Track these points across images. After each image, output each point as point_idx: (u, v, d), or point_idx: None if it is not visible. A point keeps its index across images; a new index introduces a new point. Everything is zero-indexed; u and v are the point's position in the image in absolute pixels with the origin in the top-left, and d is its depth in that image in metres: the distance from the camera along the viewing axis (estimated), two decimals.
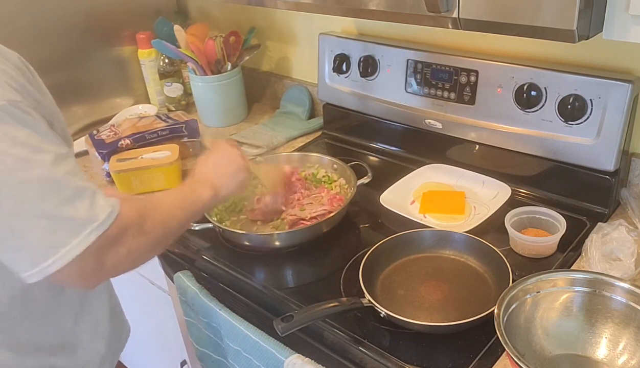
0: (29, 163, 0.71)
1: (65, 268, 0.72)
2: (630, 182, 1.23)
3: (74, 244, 0.71)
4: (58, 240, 0.71)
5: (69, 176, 0.73)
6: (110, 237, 0.75)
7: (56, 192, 0.71)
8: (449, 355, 0.92)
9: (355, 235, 1.25)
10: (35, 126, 0.74)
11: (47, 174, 0.71)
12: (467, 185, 1.32)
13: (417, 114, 1.41)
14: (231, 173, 1.07)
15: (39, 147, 0.72)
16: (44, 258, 0.71)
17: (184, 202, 0.94)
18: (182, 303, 1.24)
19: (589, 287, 0.90)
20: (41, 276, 0.72)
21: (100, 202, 0.75)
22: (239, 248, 1.22)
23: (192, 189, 0.99)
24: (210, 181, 1.02)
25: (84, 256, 0.72)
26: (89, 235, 0.72)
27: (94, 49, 1.78)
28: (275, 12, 1.78)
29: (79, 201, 0.73)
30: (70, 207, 0.72)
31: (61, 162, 0.73)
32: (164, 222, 0.86)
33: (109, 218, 0.74)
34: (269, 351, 1.00)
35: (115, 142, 1.51)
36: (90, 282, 0.78)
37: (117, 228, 0.75)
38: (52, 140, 0.75)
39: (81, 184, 0.74)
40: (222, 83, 1.74)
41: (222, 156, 1.09)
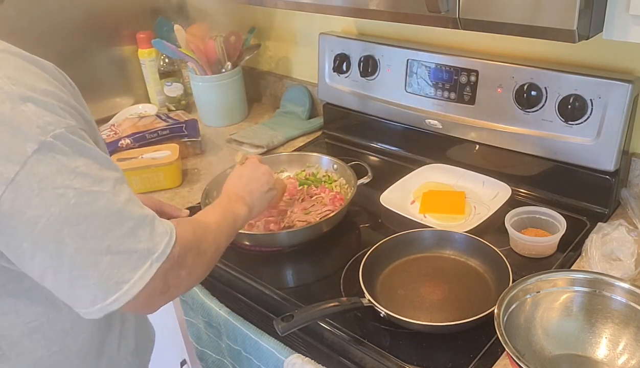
0: (91, 195, 0.66)
1: (130, 302, 0.69)
2: (630, 182, 1.23)
3: (136, 278, 0.69)
4: (121, 276, 0.68)
5: (129, 204, 0.70)
6: (173, 260, 0.73)
7: (119, 224, 0.68)
8: (449, 355, 0.92)
9: (355, 235, 1.25)
10: (92, 152, 0.69)
11: (109, 206, 0.68)
12: (467, 185, 1.32)
13: (417, 114, 1.41)
14: (264, 192, 1.08)
15: (99, 176, 0.68)
16: (106, 296, 0.68)
17: (226, 220, 0.93)
18: (182, 303, 1.24)
19: (589, 287, 0.90)
20: (102, 313, 0.69)
21: (159, 228, 0.72)
22: (239, 248, 1.22)
23: (230, 208, 0.98)
24: (244, 200, 1.02)
25: (149, 284, 0.70)
26: (150, 268, 0.70)
27: (94, 49, 1.78)
28: (276, 12, 1.78)
29: (141, 230, 0.70)
30: (133, 239, 0.69)
31: (120, 188, 0.70)
32: (215, 241, 0.86)
33: (167, 247, 0.72)
34: (269, 351, 1.00)
35: (116, 141, 1.51)
36: (154, 307, 0.76)
37: (178, 251, 0.73)
38: (109, 164, 0.71)
39: (141, 212, 0.71)
40: (222, 83, 1.74)
41: (253, 174, 1.09)
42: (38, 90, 0.67)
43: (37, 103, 0.66)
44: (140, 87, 1.94)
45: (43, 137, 0.64)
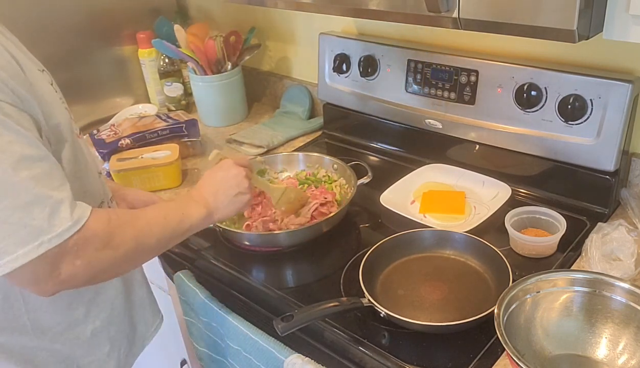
0: None
1: (11, 274, 0.70)
2: (630, 182, 1.23)
3: (20, 253, 0.69)
4: (5, 247, 0.69)
5: (30, 181, 0.70)
6: (68, 247, 0.72)
7: (11, 196, 0.69)
8: (449, 355, 0.92)
9: (355, 235, 1.25)
10: (5, 123, 0.70)
11: (3, 177, 0.69)
12: (467, 185, 1.32)
13: (417, 114, 1.41)
14: (231, 196, 1.03)
15: (2, 146, 0.69)
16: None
17: (168, 220, 0.90)
18: (182, 303, 1.24)
19: (589, 287, 0.90)
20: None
21: (63, 213, 0.72)
22: (239, 248, 1.22)
23: (184, 207, 0.96)
24: (207, 201, 1.00)
25: (35, 263, 0.70)
26: (39, 247, 0.70)
27: (94, 49, 1.78)
28: (276, 12, 1.78)
29: (37, 209, 0.70)
30: (26, 214, 0.69)
31: (27, 165, 0.70)
32: (137, 237, 0.83)
33: (67, 232, 0.72)
34: (269, 351, 1.00)
35: (116, 141, 1.51)
36: (44, 290, 0.75)
37: (77, 239, 0.73)
38: (26, 140, 0.72)
39: (44, 191, 0.71)
40: (222, 83, 1.74)
41: (226, 177, 1.05)
42: None
43: None
44: (140, 87, 1.94)
45: None
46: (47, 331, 0.92)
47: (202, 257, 1.22)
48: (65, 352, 0.96)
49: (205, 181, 1.05)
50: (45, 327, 0.92)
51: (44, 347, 0.93)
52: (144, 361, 1.25)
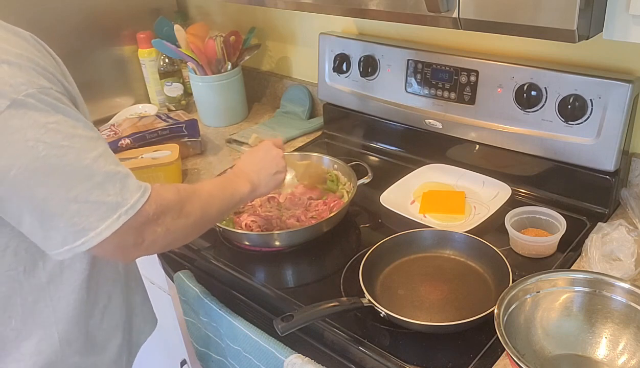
0: (61, 149, 0.72)
1: (98, 246, 0.76)
2: (630, 182, 1.23)
3: (102, 227, 0.75)
4: (89, 224, 0.74)
5: (99, 160, 0.75)
6: (149, 216, 0.79)
7: (87, 177, 0.74)
8: (449, 355, 0.92)
9: (355, 235, 1.25)
10: (67, 111, 0.75)
11: (77, 160, 0.74)
12: (467, 185, 1.32)
13: (417, 114, 1.41)
14: (271, 174, 1.10)
15: (70, 132, 0.74)
16: (75, 239, 0.75)
17: (223, 192, 0.98)
18: (182, 303, 1.24)
19: (589, 287, 0.90)
20: (70, 254, 0.76)
21: (131, 185, 0.78)
22: (239, 248, 1.22)
23: (232, 181, 1.04)
24: (250, 177, 1.06)
25: (122, 233, 0.76)
26: (118, 220, 0.75)
27: (94, 49, 1.78)
28: (276, 12, 1.78)
29: (110, 185, 0.75)
30: (101, 192, 0.75)
31: (92, 147, 0.76)
32: (203, 208, 0.90)
33: (138, 202, 0.77)
34: (269, 351, 1.00)
35: (116, 141, 1.51)
36: (128, 256, 0.83)
37: (155, 208, 0.79)
38: (84, 124, 0.77)
39: (112, 168, 0.77)
40: (222, 83, 1.74)
41: (265, 155, 1.12)
42: (12, 53, 0.73)
43: (11, 65, 0.72)
44: (140, 87, 1.94)
45: (15, 94, 0.70)
46: (72, 343, 0.94)
47: (202, 257, 1.22)
48: (79, 363, 0.96)
49: (248, 160, 1.12)
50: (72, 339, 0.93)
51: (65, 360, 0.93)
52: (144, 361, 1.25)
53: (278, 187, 1.16)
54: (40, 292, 0.89)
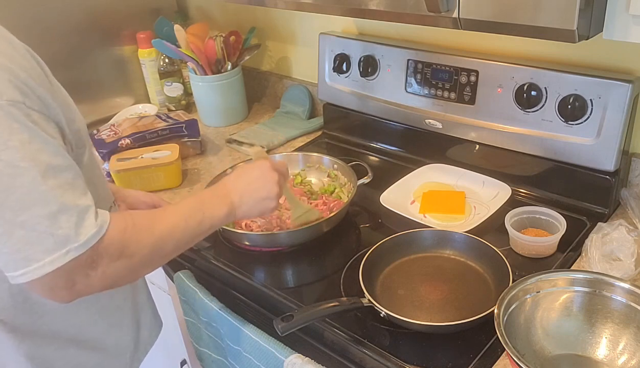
0: (16, 169, 0.68)
1: (33, 282, 0.71)
2: (630, 182, 1.23)
3: (47, 261, 0.70)
4: (32, 254, 0.70)
5: (57, 190, 0.71)
6: (83, 260, 0.73)
7: (39, 204, 0.69)
8: (449, 355, 0.92)
9: (355, 235, 1.25)
10: (34, 132, 0.71)
11: (32, 184, 0.69)
12: (467, 185, 1.32)
13: (417, 114, 1.41)
14: (258, 199, 0.99)
15: (31, 155, 0.69)
16: (15, 268, 0.71)
17: (188, 223, 0.87)
18: (182, 303, 1.24)
19: (589, 287, 0.90)
20: (14, 282, 0.71)
21: (88, 221, 0.73)
22: (239, 248, 1.22)
23: (206, 204, 0.92)
24: (231, 199, 0.95)
25: (54, 274, 0.71)
26: (65, 255, 0.71)
27: (94, 49, 1.78)
28: (276, 12, 1.78)
29: (63, 217, 0.70)
30: (52, 223, 0.70)
31: (54, 174, 0.71)
32: (154, 245, 0.81)
33: (91, 240, 0.72)
34: (269, 351, 1.00)
35: (116, 141, 1.51)
36: (60, 298, 0.76)
37: (91, 251, 0.73)
38: (53, 149, 0.72)
39: (71, 200, 0.72)
40: (222, 83, 1.74)
41: (259, 177, 1.00)
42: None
43: None
44: (140, 87, 1.94)
45: None
46: (62, 334, 0.93)
47: (202, 257, 1.22)
48: (78, 357, 0.96)
49: (237, 176, 1.00)
50: (61, 330, 0.92)
51: (60, 353, 0.94)
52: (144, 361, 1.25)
53: (263, 214, 1.05)
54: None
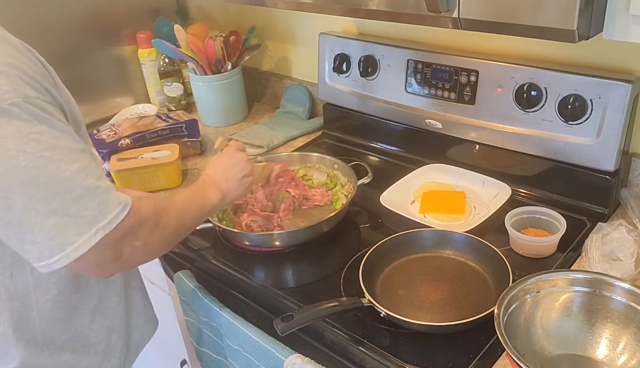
0: (41, 160, 0.72)
1: (76, 262, 0.74)
2: (630, 182, 1.23)
3: (80, 242, 0.74)
4: (66, 238, 0.73)
5: (80, 174, 0.74)
6: (127, 230, 0.78)
7: (66, 190, 0.73)
8: (449, 355, 0.92)
9: (355, 235, 1.25)
10: (51, 122, 0.74)
11: (58, 172, 0.73)
12: (467, 185, 1.32)
13: (417, 114, 1.41)
14: (239, 179, 1.11)
15: (52, 143, 0.73)
16: (51, 254, 0.74)
17: (194, 202, 0.99)
18: (182, 303, 1.24)
19: (589, 287, 0.90)
20: (48, 269, 0.75)
21: (110, 200, 0.77)
22: (239, 248, 1.22)
23: (203, 190, 1.04)
24: (219, 186, 1.06)
25: (99, 248, 0.75)
26: (95, 235, 0.74)
27: (94, 49, 1.78)
28: (276, 11, 1.78)
29: (89, 199, 0.74)
30: (79, 206, 0.74)
31: (74, 159, 0.75)
32: (178, 219, 0.90)
33: (117, 217, 0.76)
34: (269, 351, 1.00)
35: (116, 141, 1.51)
36: (106, 272, 0.81)
37: (133, 222, 0.79)
38: (69, 135, 0.76)
39: (92, 182, 0.75)
40: (222, 83, 1.74)
41: (230, 161, 1.12)
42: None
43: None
44: (140, 87, 1.94)
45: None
46: (56, 340, 0.94)
47: (202, 257, 1.22)
48: (71, 361, 0.97)
49: (214, 167, 1.11)
50: (55, 336, 0.94)
51: (53, 358, 0.94)
52: (144, 361, 1.25)
53: (247, 191, 1.16)
54: (27, 296, 0.89)
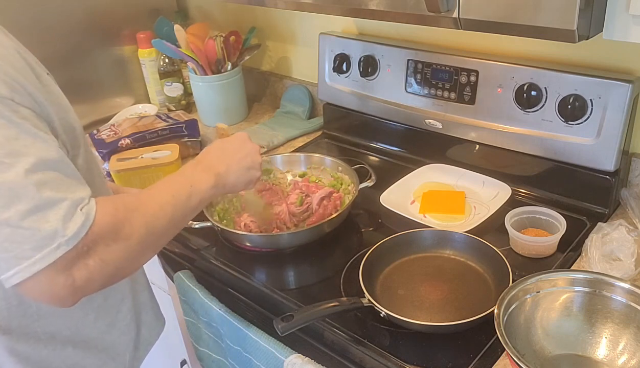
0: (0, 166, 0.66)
1: (28, 282, 0.68)
2: (630, 182, 1.23)
3: (37, 258, 0.67)
4: (22, 252, 0.67)
5: (44, 184, 0.68)
6: (78, 250, 0.69)
7: (23, 200, 0.67)
8: (449, 355, 0.92)
9: (355, 235, 1.25)
10: (22, 126, 0.69)
11: (16, 180, 0.67)
12: (467, 185, 1.32)
13: (417, 114, 1.41)
14: (244, 168, 0.98)
15: (17, 150, 0.67)
16: (7, 268, 0.68)
17: (177, 199, 0.84)
18: (182, 303, 1.24)
19: (589, 287, 0.90)
20: (8, 284, 0.68)
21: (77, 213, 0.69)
22: (239, 248, 1.22)
23: (191, 178, 0.90)
24: (215, 168, 0.93)
25: (50, 271, 0.67)
26: (56, 250, 0.67)
27: (94, 49, 1.78)
28: (276, 11, 1.78)
29: (51, 212, 0.68)
30: (38, 218, 0.67)
31: (44, 168, 0.69)
32: (147, 225, 0.77)
33: (80, 231, 0.69)
34: (269, 351, 1.00)
35: (116, 141, 1.51)
36: (63, 300, 0.71)
37: (85, 239, 0.69)
38: (43, 143, 0.70)
39: (59, 194, 0.69)
40: (222, 83, 1.74)
41: (240, 148, 0.99)
42: None
43: None
44: (140, 87, 1.94)
45: None
46: (56, 335, 0.92)
47: (202, 257, 1.22)
48: (74, 357, 0.96)
49: (217, 149, 0.98)
50: (55, 331, 0.92)
51: (57, 354, 0.93)
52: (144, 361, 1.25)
53: (249, 186, 1.03)
54: None
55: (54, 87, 0.82)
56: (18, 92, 0.71)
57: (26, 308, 0.88)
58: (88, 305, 0.95)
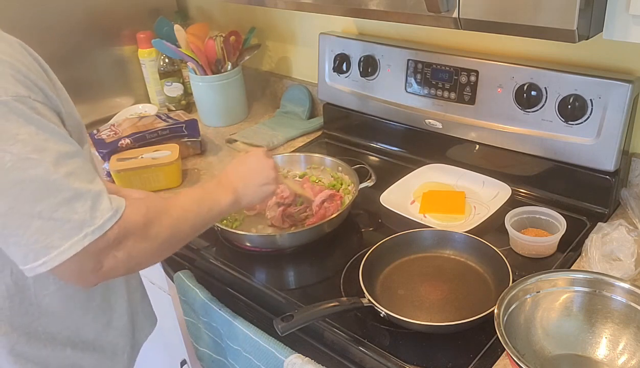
0: (27, 162, 0.70)
1: (58, 268, 0.72)
2: (630, 182, 1.23)
3: (65, 247, 0.71)
4: (51, 242, 0.71)
5: (69, 177, 0.72)
6: (110, 240, 0.75)
7: (53, 193, 0.71)
8: (449, 355, 0.92)
9: (355, 235, 1.25)
10: (41, 123, 0.72)
11: (45, 175, 0.71)
12: (467, 185, 1.32)
13: (417, 114, 1.41)
14: (259, 185, 1.05)
15: (41, 145, 0.71)
16: (35, 258, 0.72)
17: (200, 207, 0.92)
18: (182, 303, 1.24)
19: (589, 287, 0.90)
20: (32, 273, 0.73)
21: (103, 204, 0.74)
22: (239, 248, 1.22)
23: (212, 193, 0.97)
24: (234, 186, 1.01)
25: (81, 257, 0.72)
26: (83, 239, 0.72)
27: (94, 49, 1.78)
28: (276, 11, 1.78)
29: (78, 203, 0.72)
30: (67, 209, 0.71)
31: (64, 161, 0.73)
32: (173, 227, 0.85)
33: (108, 222, 0.74)
34: (269, 351, 1.00)
35: (116, 141, 1.51)
36: (87, 281, 0.78)
37: (117, 232, 0.75)
38: (60, 137, 0.74)
39: (83, 186, 0.73)
40: (222, 83, 1.74)
41: (255, 164, 1.07)
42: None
43: None
44: (140, 87, 1.94)
45: None
46: (56, 335, 0.93)
47: (202, 257, 1.23)
48: (73, 358, 0.97)
49: (236, 167, 1.06)
50: (55, 332, 0.93)
51: (56, 354, 0.94)
52: (144, 361, 1.25)
53: (265, 199, 1.11)
54: (26, 292, 0.88)
55: (59, 83, 0.84)
56: (32, 89, 0.74)
57: (28, 306, 0.89)
58: (87, 304, 0.96)
